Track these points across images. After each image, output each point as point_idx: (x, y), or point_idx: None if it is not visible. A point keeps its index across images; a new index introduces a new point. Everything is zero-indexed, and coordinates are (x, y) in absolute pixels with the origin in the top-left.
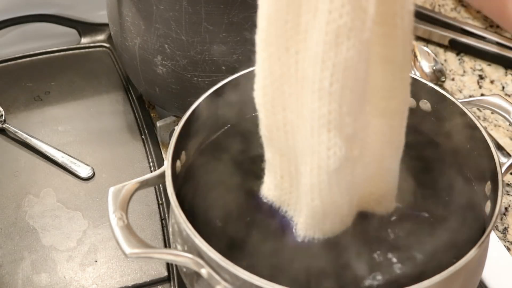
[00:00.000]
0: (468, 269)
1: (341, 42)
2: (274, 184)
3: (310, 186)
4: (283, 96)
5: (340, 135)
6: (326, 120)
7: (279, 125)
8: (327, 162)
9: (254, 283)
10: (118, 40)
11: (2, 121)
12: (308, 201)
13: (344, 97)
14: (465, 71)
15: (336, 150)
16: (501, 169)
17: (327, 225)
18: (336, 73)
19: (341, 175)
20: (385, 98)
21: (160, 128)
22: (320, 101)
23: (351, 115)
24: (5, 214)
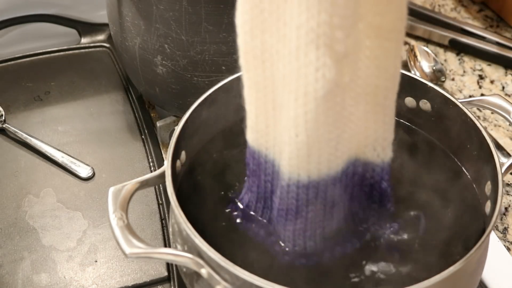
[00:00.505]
0: (468, 269)
1: None
2: (250, 126)
3: (294, 119)
4: (262, 15)
5: (330, 54)
6: (315, 34)
7: (256, 52)
8: (314, 87)
9: (254, 283)
10: (118, 40)
11: (2, 121)
12: (291, 136)
13: (335, 5)
14: (465, 71)
15: (325, 72)
16: (501, 169)
17: (312, 164)
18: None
19: (329, 103)
20: (380, 13)
21: (160, 128)
22: (308, 11)
23: (343, 29)
24: (5, 214)
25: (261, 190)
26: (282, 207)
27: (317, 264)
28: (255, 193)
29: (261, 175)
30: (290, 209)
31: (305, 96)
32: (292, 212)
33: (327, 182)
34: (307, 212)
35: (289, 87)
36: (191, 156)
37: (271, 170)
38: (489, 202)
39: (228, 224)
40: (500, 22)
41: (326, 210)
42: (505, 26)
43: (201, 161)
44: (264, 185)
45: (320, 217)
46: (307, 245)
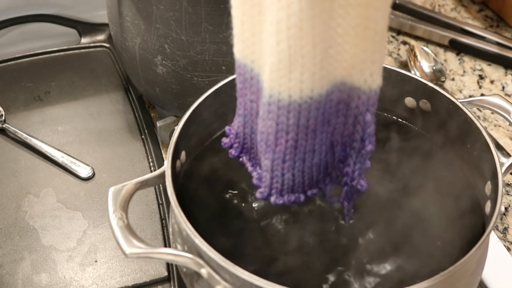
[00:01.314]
0: (468, 269)
1: None
2: (236, 35)
3: (276, 23)
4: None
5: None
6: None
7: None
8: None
9: (254, 283)
10: (118, 40)
11: (2, 121)
12: (272, 44)
13: None
14: (465, 71)
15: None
16: (501, 169)
17: (293, 81)
18: None
19: (316, 8)
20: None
21: (160, 128)
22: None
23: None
24: (5, 214)
25: (247, 113)
26: (263, 130)
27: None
28: (242, 117)
29: (247, 94)
30: (269, 133)
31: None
32: (272, 137)
33: (310, 106)
34: (286, 140)
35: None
36: (191, 156)
37: (256, 87)
38: (489, 202)
39: (228, 224)
40: (500, 22)
41: (308, 139)
42: (505, 26)
43: (201, 161)
44: (250, 105)
45: (300, 147)
46: (284, 177)
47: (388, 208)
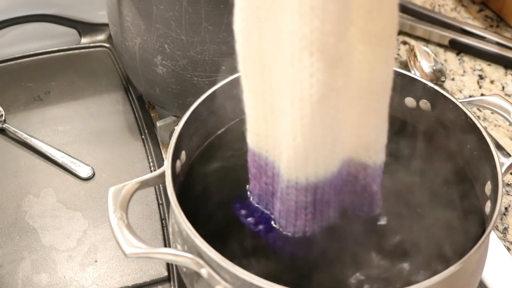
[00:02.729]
0: (468, 269)
1: None
2: (250, 129)
3: (291, 123)
4: (259, 22)
5: (323, 59)
6: (308, 41)
7: (254, 58)
8: (309, 92)
9: (254, 283)
10: (118, 40)
11: (2, 121)
12: (289, 141)
13: (326, 12)
14: (465, 71)
15: (319, 77)
16: (501, 169)
17: (310, 168)
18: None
19: (324, 107)
20: (371, 19)
21: (160, 128)
22: (301, 19)
23: (335, 35)
24: (5, 214)
25: (263, 193)
26: (282, 209)
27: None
28: (256, 196)
29: (262, 178)
30: (289, 211)
31: (300, 101)
32: (292, 214)
33: (325, 183)
34: (305, 214)
35: (285, 92)
36: (191, 156)
37: (271, 172)
38: (489, 202)
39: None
40: (500, 22)
41: (324, 209)
42: (505, 26)
43: (201, 161)
44: (265, 187)
45: (318, 217)
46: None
47: (388, 208)
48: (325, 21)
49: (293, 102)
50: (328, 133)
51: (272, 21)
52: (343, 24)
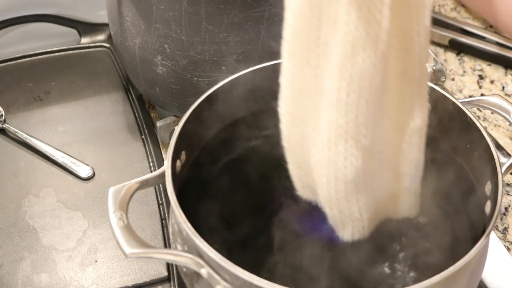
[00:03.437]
0: (468, 269)
1: (357, 53)
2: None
3: (327, 197)
4: (302, 109)
5: (356, 145)
6: (343, 130)
7: (296, 137)
8: (344, 172)
9: (254, 283)
10: (118, 40)
11: (2, 121)
12: (327, 211)
13: (360, 107)
14: (465, 71)
15: (353, 160)
16: (501, 169)
17: (347, 233)
18: (353, 84)
19: (358, 186)
20: (403, 113)
21: (160, 128)
22: (337, 111)
23: (368, 126)
24: (5, 214)
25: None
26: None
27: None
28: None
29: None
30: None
31: (335, 179)
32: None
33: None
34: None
35: (321, 171)
36: (191, 156)
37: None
38: (489, 202)
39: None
40: None
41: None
42: None
43: (201, 161)
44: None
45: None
46: None
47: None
48: (358, 114)
49: (328, 179)
50: (363, 208)
51: (313, 109)
52: (376, 117)
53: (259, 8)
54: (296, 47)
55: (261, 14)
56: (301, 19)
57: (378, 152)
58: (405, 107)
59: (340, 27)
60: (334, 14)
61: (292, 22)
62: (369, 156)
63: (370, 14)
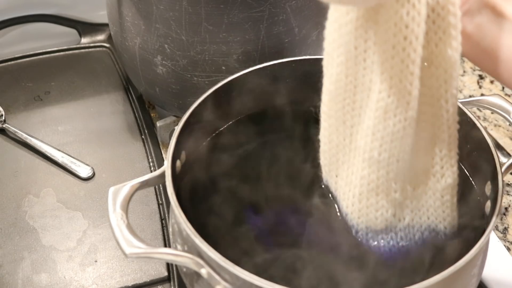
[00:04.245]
0: (468, 269)
1: (389, 117)
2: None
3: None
4: (337, 163)
5: (387, 198)
6: (375, 185)
7: (331, 190)
8: (375, 222)
9: (254, 283)
10: (118, 40)
11: (2, 121)
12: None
13: (391, 165)
14: (465, 71)
15: (383, 212)
16: (501, 169)
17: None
18: (384, 144)
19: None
20: (434, 174)
21: (160, 128)
22: (369, 168)
23: (398, 182)
24: (5, 214)
25: None
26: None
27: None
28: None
29: None
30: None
31: (366, 229)
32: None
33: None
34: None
35: (351, 223)
36: (191, 156)
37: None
38: (489, 202)
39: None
40: None
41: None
42: None
43: (201, 161)
44: None
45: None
46: None
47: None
48: (389, 171)
49: (360, 229)
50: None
51: (346, 164)
52: (406, 174)
53: (259, 8)
54: (332, 109)
55: (261, 14)
56: (338, 85)
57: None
58: (436, 167)
59: (374, 94)
60: (368, 83)
61: (329, 87)
62: (401, 210)
63: (401, 84)
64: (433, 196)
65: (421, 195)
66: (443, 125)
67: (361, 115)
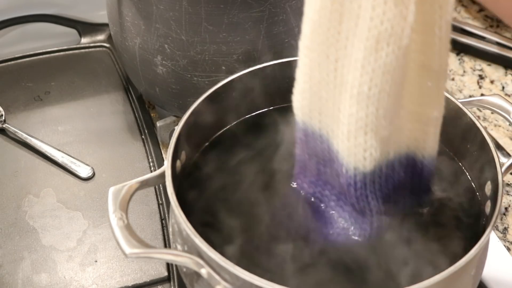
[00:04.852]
0: (468, 269)
1: (381, 48)
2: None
3: (347, 187)
4: (320, 101)
5: (376, 137)
6: (363, 123)
7: (314, 129)
8: (363, 163)
9: (254, 283)
10: (118, 40)
11: (2, 121)
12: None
13: (381, 100)
14: (465, 71)
15: (372, 151)
16: (501, 169)
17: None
18: (375, 78)
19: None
20: (421, 104)
21: (160, 128)
22: (358, 104)
23: (387, 118)
24: (5, 214)
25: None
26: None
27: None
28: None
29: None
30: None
31: (354, 170)
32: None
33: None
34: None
35: (341, 161)
36: (191, 156)
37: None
38: (489, 202)
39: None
40: (500, 22)
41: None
42: (505, 26)
43: (201, 161)
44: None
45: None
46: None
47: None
48: (379, 108)
49: (348, 169)
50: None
51: (331, 101)
52: (395, 109)
53: (259, 8)
54: (315, 41)
55: (261, 14)
56: (322, 14)
57: (395, 143)
58: (423, 99)
59: (364, 22)
60: (357, 9)
61: (313, 16)
62: (387, 146)
63: (396, 9)
64: (417, 127)
65: (405, 124)
66: (434, 55)
67: (347, 47)
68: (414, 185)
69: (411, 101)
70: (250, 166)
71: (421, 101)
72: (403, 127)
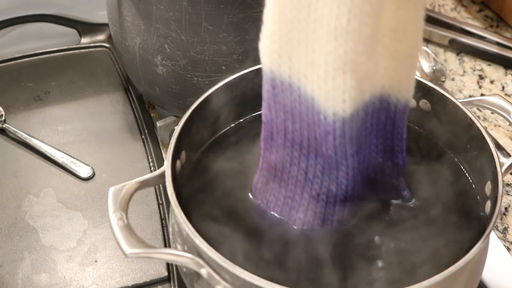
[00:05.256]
0: (468, 269)
1: None
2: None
3: (325, 136)
4: (290, 43)
5: (355, 76)
6: (342, 61)
7: (284, 77)
8: (342, 107)
9: (254, 283)
10: (118, 40)
11: (2, 121)
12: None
13: (361, 35)
14: (465, 71)
15: (352, 93)
16: (501, 169)
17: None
18: (354, 9)
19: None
20: (397, 39)
21: (160, 128)
22: (336, 41)
23: (366, 54)
24: (5, 214)
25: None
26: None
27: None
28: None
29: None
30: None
31: (334, 115)
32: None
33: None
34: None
35: (318, 108)
36: (191, 156)
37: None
38: (489, 202)
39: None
40: (500, 22)
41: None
42: (505, 26)
43: (201, 161)
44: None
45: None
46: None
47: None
48: (359, 42)
49: (326, 116)
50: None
51: (304, 42)
52: (373, 44)
53: (259, 8)
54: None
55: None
56: None
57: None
58: (399, 33)
59: None
60: None
61: None
62: (363, 85)
63: None
64: (392, 65)
65: (381, 61)
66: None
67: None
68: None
69: (387, 35)
70: (251, 166)
71: (398, 36)
72: (379, 64)
